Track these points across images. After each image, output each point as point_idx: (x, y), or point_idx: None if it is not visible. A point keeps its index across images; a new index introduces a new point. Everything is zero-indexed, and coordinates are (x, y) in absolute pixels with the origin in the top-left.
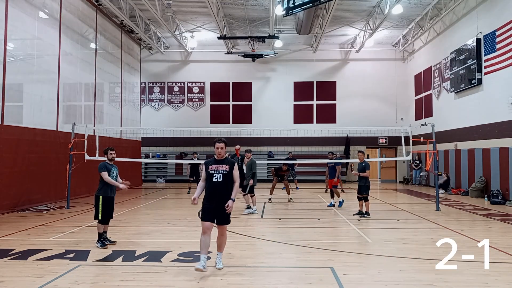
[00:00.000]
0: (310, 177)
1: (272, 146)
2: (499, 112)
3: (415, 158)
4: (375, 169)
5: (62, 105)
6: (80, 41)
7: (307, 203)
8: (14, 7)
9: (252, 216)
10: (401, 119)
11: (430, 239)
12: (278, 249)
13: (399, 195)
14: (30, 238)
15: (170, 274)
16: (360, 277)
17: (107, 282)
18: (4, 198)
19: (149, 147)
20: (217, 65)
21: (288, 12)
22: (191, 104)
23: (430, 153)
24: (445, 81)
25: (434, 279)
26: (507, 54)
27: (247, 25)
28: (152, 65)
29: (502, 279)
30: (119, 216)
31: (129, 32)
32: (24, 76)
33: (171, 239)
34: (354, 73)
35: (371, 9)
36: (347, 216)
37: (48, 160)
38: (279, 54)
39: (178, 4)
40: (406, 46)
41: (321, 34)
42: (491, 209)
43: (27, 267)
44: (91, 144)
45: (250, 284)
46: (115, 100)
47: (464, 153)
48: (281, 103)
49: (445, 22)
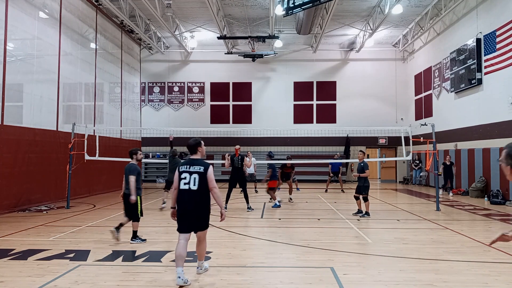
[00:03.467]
0: (310, 177)
1: (272, 146)
2: (499, 112)
3: (415, 158)
4: (375, 169)
5: (62, 105)
6: (80, 41)
7: (307, 203)
8: (14, 7)
9: (252, 216)
10: (401, 119)
11: (430, 239)
12: (278, 249)
13: (399, 195)
14: (30, 238)
15: (170, 274)
16: (360, 277)
17: (107, 282)
18: (4, 198)
19: (149, 147)
20: (217, 65)
21: (288, 12)
22: (191, 104)
23: (430, 153)
24: (445, 81)
25: (434, 279)
26: (507, 54)
27: (247, 25)
28: (152, 65)
29: (502, 279)
30: (119, 216)
31: (129, 32)
32: (24, 76)
33: (171, 239)
34: (354, 73)
35: (371, 9)
36: (347, 216)
37: (48, 160)
38: (279, 54)
39: (178, 4)
40: (406, 46)
41: (321, 34)
42: (491, 209)
43: (27, 267)
44: (91, 144)
45: (250, 284)
46: (115, 100)
47: (464, 153)
48: (281, 103)
49: (445, 22)
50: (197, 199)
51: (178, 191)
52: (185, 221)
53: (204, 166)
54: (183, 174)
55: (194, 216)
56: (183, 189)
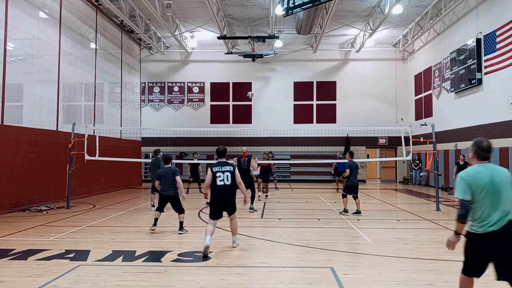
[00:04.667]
0: (310, 177)
1: (272, 146)
2: (499, 112)
3: (415, 158)
4: (375, 169)
5: (62, 105)
6: (80, 41)
7: (307, 203)
8: (14, 7)
9: (252, 216)
10: (401, 119)
11: (430, 239)
12: (278, 249)
13: (399, 195)
14: (30, 238)
15: (170, 274)
16: (360, 277)
17: (107, 282)
18: (4, 198)
19: (149, 147)
20: (217, 65)
21: (288, 12)
22: (191, 104)
23: (430, 153)
24: (445, 81)
25: (434, 279)
26: (507, 54)
27: (247, 25)
28: (152, 65)
29: None
30: (119, 216)
31: (129, 32)
32: (24, 76)
33: (171, 239)
34: (354, 73)
35: (371, 9)
36: (347, 216)
37: (48, 160)
38: (279, 54)
39: (178, 4)
40: (406, 46)
41: (321, 34)
42: None
43: (27, 267)
44: (91, 144)
45: (250, 284)
46: (115, 100)
47: (464, 153)
48: (281, 103)
49: (445, 22)
50: (231, 191)
51: (215, 187)
52: (219, 210)
53: (232, 166)
54: (218, 173)
55: (229, 203)
56: (219, 185)
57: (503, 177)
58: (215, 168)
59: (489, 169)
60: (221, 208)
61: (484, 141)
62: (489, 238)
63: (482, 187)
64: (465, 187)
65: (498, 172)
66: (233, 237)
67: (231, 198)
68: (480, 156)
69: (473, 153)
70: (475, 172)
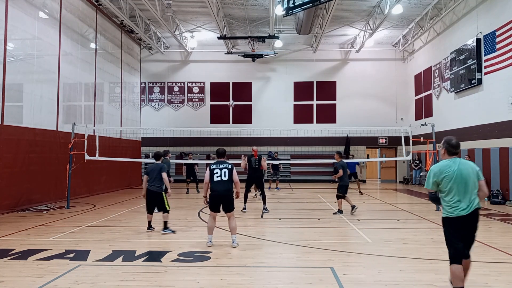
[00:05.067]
0: (310, 177)
1: (272, 146)
2: (499, 112)
3: (415, 158)
4: (375, 169)
5: (62, 105)
6: (80, 41)
7: (307, 203)
8: (14, 7)
9: (252, 216)
10: (401, 119)
11: (430, 239)
12: (278, 249)
13: (399, 195)
14: (30, 238)
15: (170, 274)
16: (360, 277)
17: (107, 282)
18: (4, 198)
19: (149, 147)
20: (217, 65)
21: (288, 12)
22: (191, 104)
23: (430, 153)
24: (445, 81)
25: (434, 279)
26: (507, 54)
27: (247, 25)
28: (152, 65)
29: (502, 279)
30: (119, 216)
31: (129, 32)
32: (24, 76)
33: (171, 239)
34: (354, 73)
35: (371, 9)
36: (347, 216)
37: (48, 160)
38: (279, 54)
39: (178, 4)
40: (406, 46)
41: (321, 34)
42: (491, 209)
43: (27, 267)
44: (91, 144)
45: (250, 284)
46: (115, 100)
47: (464, 153)
48: (281, 103)
49: (445, 22)
50: (227, 186)
51: (213, 182)
52: (217, 203)
53: (230, 164)
54: (215, 170)
55: (225, 200)
56: (216, 180)
57: (470, 169)
58: (213, 166)
59: (457, 163)
60: (218, 202)
61: (453, 139)
62: (460, 221)
63: (451, 178)
64: (432, 181)
65: (465, 165)
66: (233, 237)
67: (227, 193)
68: (450, 152)
69: (444, 150)
70: (445, 166)
